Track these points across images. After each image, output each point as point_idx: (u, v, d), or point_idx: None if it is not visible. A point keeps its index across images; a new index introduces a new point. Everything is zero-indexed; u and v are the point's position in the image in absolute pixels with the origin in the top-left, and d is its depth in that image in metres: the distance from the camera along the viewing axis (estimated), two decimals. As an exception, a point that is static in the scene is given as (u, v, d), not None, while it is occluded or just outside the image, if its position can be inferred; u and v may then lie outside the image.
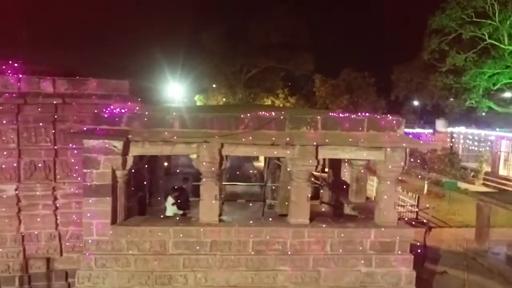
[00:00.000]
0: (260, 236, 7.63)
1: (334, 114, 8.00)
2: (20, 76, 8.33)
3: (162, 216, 8.85)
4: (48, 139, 8.49)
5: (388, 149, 7.60)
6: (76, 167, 8.69)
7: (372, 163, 8.09)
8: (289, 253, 7.63)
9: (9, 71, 8.54)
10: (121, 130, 7.34)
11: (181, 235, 7.46)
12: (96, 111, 7.43)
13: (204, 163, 7.45)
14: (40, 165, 8.46)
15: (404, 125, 7.80)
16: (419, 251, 11.10)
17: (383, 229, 7.72)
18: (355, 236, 7.73)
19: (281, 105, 41.14)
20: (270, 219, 8.32)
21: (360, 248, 7.76)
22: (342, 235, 7.68)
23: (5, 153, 8.31)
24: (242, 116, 7.57)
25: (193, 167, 7.74)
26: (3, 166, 8.37)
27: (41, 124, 8.36)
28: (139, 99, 8.72)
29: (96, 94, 8.51)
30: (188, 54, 36.35)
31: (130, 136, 7.21)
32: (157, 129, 7.42)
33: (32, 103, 8.21)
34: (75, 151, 8.71)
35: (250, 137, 7.32)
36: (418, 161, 21.50)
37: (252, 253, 7.59)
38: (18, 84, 8.28)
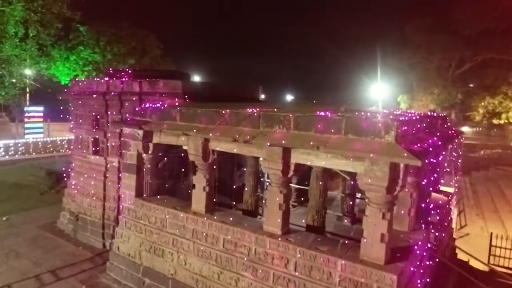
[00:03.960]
0: (228, 234, 7.48)
1: (322, 111, 6.62)
2: (123, 79, 11.34)
3: None
4: (135, 126, 11.13)
5: (367, 160, 5.76)
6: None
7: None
8: (251, 260, 7.11)
9: (125, 76, 11.79)
10: (144, 121, 8.91)
11: (167, 216, 8.35)
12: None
13: (190, 155, 8.01)
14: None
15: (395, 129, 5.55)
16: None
17: (343, 261, 5.93)
18: (320, 263, 6.31)
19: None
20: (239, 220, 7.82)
21: (327, 279, 6.27)
22: (299, 255, 6.45)
23: (114, 135, 11.56)
24: (223, 111, 7.59)
25: None
26: (113, 144, 11.66)
27: (128, 115, 11.06)
28: (186, 96, 10.02)
29: (161, 92, 10.46)
30: (391, 52, 34.18)
31: (143, 126, 8.69)
32: (164, 121, 8.53)
33: (124, 100, 11.05)
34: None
35: (218, 133, 7.30)
36: None
37: (220, 249, 7.55)
38: (121, 86, 11.31)
